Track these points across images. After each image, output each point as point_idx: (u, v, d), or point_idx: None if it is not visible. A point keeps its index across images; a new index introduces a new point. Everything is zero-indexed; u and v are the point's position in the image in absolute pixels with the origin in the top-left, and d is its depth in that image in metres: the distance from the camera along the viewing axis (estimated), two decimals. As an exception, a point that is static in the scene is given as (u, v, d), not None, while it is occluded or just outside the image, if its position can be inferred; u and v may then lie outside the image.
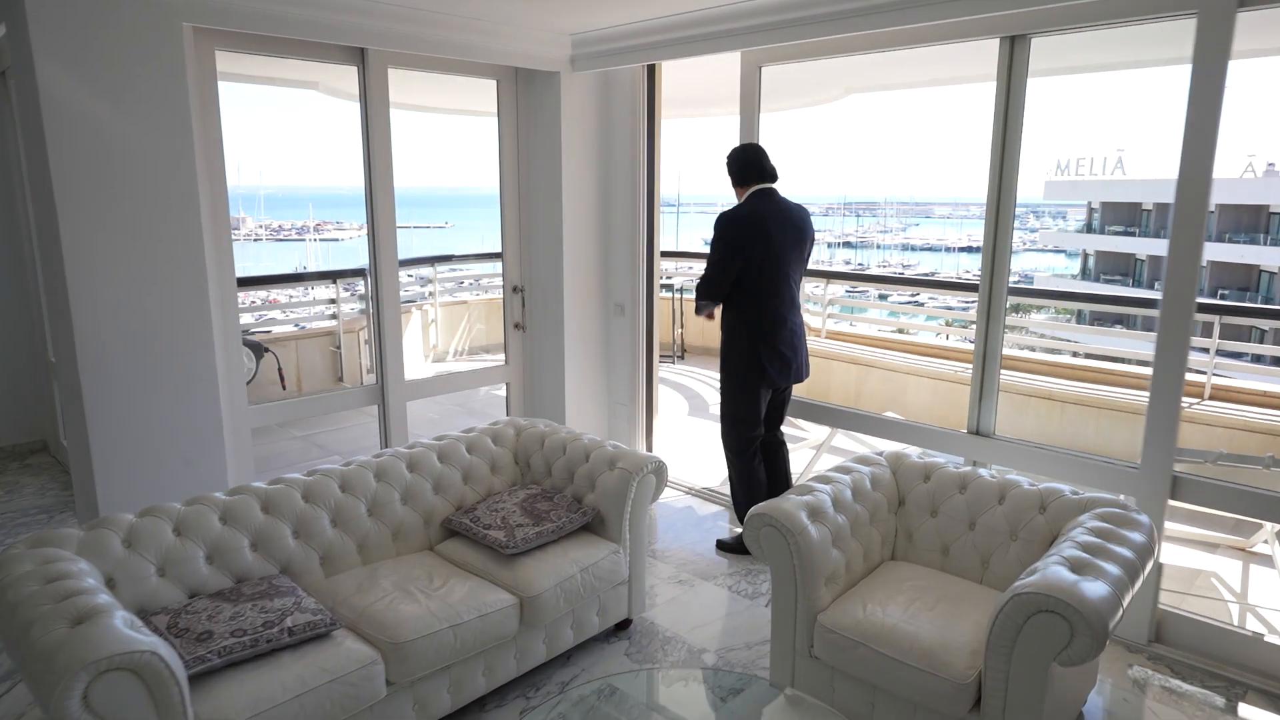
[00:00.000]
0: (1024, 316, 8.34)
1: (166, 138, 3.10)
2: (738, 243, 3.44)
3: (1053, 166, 34.62)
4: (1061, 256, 43.38)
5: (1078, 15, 2.88)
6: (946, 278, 24.81)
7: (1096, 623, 1.99)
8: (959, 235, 45.21)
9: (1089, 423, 4.88)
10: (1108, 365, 5.42)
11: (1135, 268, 27.52)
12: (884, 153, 53.39)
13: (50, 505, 4.33)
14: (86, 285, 2.98)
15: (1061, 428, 4.96)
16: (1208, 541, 3.92)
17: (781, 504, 2.59)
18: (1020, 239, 45.68)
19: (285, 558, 2.64)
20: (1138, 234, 27.37)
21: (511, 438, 3.37)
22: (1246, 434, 4.31)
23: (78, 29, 2.85)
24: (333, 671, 2.20)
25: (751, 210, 3.48)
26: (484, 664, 2.62)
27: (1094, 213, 30.49)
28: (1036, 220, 48.04)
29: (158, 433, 3.22)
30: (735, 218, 3.47)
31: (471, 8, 3.66)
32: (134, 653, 1.82)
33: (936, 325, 14.68)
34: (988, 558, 2.71)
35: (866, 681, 2.42)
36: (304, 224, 40.16)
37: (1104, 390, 4.99)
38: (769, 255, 3.45)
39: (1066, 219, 38.59)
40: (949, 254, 43.83)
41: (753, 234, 3.44)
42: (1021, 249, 44.68)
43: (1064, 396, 5.04)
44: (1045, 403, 5.09)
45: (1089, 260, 30.19)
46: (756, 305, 3.50)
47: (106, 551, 2.33)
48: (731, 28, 3.66)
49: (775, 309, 3.51)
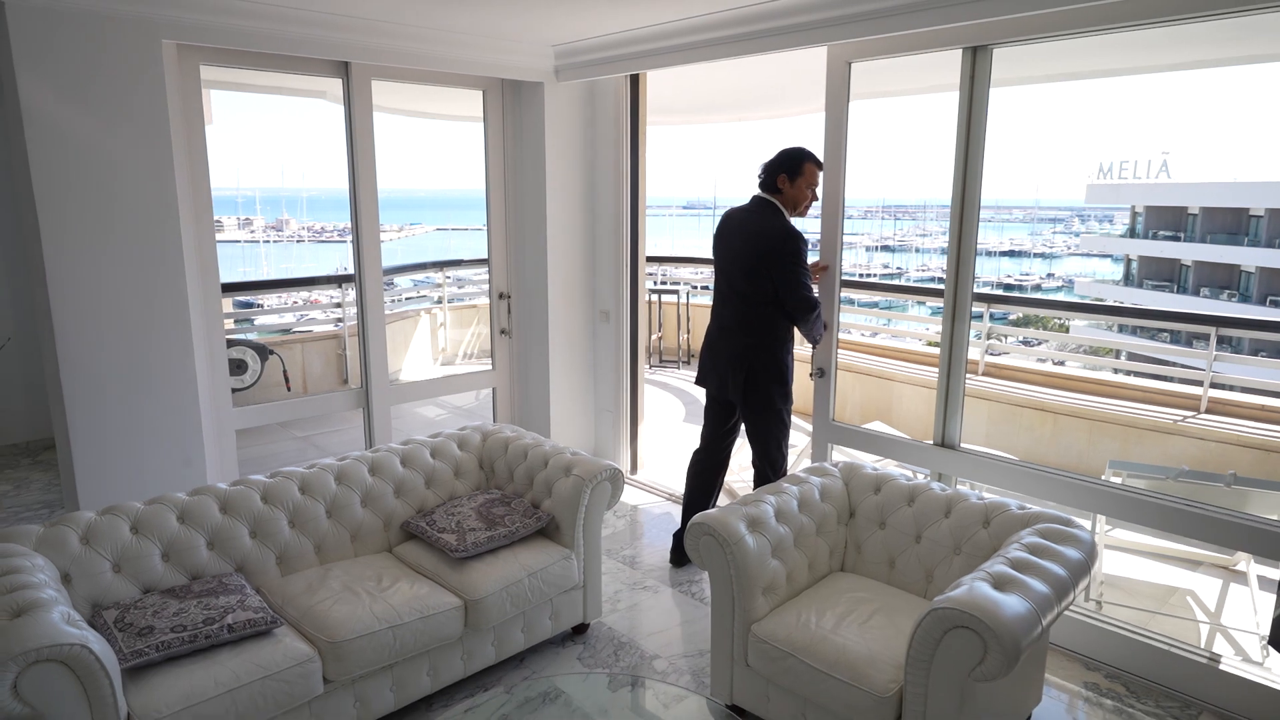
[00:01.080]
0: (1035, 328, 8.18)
1: (146, 149, 3.22)
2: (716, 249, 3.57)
3: (1095, 169, 33.82)
4: (1107, 262, 42.36)
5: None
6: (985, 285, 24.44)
7: (1008, 640, 1.98)
8: (999, 240, 44.43)
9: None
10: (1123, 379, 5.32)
11: (1180, 274, 26.80)
12: (923, 155, 52.74)
13: (54, 501, 4.51)
14: (66, 290, 3.12)
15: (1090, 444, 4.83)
16: (1190, 558, 3.83)
17: (721, 513, 2.61)
18: (1064, 243, 44.71)
19: (241, 557, 2.73)
20: (1183, 239, 26.67)
21: (477, 443, 3.44)
22: (1240, 449, 4.19)
23: (58, 45, 2.99)
24: (267, 668, 2.28)
25: (724, 218, 3.60)
26: (429, 664, 2.68)
27: (1138, 217, 29.74)
28: (1082, 224, 46.98)
29: (137, 433, 3.35)
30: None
31: (454, 21, 3.73)
32: (63, 645, 1.91)
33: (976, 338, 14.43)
34: (931, 571, 2.69)
35: (797, 693, 2.43)
36: (345, 226, 41.14)
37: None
38: (723, 262, 3.55)
39: (1114, 223, 37.76)
40: (989, 258, 43.10)
41: (717, 241, 3.57)
42: (1065, 253, 43.72)
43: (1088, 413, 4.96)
44: (1038, 414, 5.01)
45: (1131, 266, 29.47)
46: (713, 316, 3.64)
47: (64, 548, 2.44)
48: (710, 38, 3.68)
49: (716, 317, 3.61)
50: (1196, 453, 4.33)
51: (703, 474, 3.77)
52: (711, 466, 3.77)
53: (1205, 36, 3.10)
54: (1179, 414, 4.52)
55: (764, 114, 7.13)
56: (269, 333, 6.68)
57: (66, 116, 3.04)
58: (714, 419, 3.72)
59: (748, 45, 3.55)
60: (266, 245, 25.83)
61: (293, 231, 28.98)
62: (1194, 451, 4.34)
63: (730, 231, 3.50)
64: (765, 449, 3.54)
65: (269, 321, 7.05)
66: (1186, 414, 4.57)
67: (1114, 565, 3.84)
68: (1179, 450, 4.38)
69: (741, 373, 3.46)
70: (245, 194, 25.21)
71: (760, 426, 3.53)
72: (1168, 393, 4.84)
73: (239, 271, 14.58)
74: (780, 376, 3.48)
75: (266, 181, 7.54)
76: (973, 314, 3.29)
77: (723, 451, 3.77)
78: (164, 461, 3.43)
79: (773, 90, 6.09)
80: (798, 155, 3.40)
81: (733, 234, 3.48)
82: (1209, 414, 4.58)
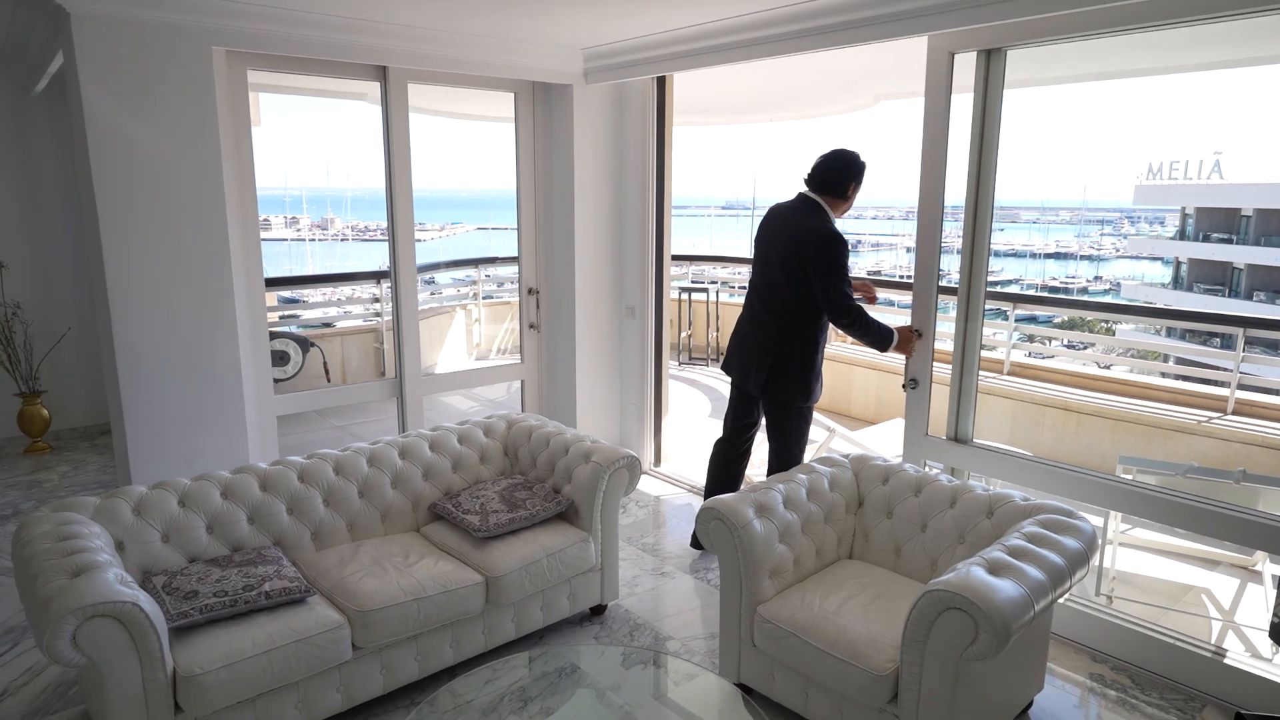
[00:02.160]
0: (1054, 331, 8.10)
1: (197, 151, 3.43)
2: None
3: (1144, 169, 32.98)
4: (1157, 265, 41.28)
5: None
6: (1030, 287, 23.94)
7: (998, 622, 2.05)
8: (1045, 241, 43.57)
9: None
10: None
11: (1232, 277, 26.03)
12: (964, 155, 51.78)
13: (108, 481, 4.78)
14: (122, 283, 3.34)
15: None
16: (1208, 558, 3.83)
17: (730, 499, 2.72)
18: (1112, 245, 43.64)
19: (278, 531, 2.91)
20: (1235, 241, 25.92)
21: (502, 430, 3.59)
22: (1262, 450, 4.17)
23: (117, 53, 3.20)
24: (300, 633, 2.44)
25: (766, 216, 3.66)
26: (452, 637, 2.83)
27: (1188, 219, 28.95)
28: (1131, 226, 45.81)
29: (185, 417, 3.56)
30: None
31: (487, 25, 3.89)
32: (117, 602, 2.09)
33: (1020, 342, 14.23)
34: (936, 559, 2.77)
35: (800, 672, 2.53)
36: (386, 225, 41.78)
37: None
38: (762, 256, 3.61)
39: (1164, 224, 36.86)
40: (1034, 260, 42.29)
41: (759, 232, 3.63)
42: (1113, 256, 42.70)
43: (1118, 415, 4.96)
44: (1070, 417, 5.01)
45: (1181, 269, 28.71)
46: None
47: (118, 518, 2.64)
48: (737, 40, 3.77)
49: (747, 309, 3.68)
50: (1219, 453, 4.31)
51: (724, 464, 3.86)
52: (733, 458, 3.85)
53: (1255, 33, 3.06)
54: (1204, 415, 4.50)
55: (798, 115, 7.20)
56: (311, 326, 6.92)
57: (124, 120, 3.25)
58: (737, 410, 3.80)
59: (774, 47, 3.60)
60: (311, 243, 26.49)
61: (336, 230, 29.68)
62: (1216, 452, 4.32)
63: (776, 226, 3.56)
64: (783, 443, 3.61)
65: (311, 316, 7.30)
66: (1212, 415, 4.54)
67: (1128, 562, 3.86)
68: (1202, 450, 4.36)
69: (766, 367, 3.53)
70: (292, 193, 25.87)
71: (779, 422, 3.61)
72: (1194, 394, 4.81)
73: (285, 268, 15.00)
74: (804, 375, 3.52)
75: (312, 181, 7.96)
76: (998, 314, 3.31)
77: (744, 443, 3.85)
78: (210, 443, 3.64)
79: (804, 91, 6.16)
80: (862, 165, 3.48)
81: (778, 229, 3.54)
82: (1235, 415, 4.55)
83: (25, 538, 2.42)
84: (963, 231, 3.32)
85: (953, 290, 3.37)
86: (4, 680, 2.87)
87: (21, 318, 5.23)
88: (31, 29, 3.72)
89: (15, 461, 5.12)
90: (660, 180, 4.69)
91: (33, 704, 2.74)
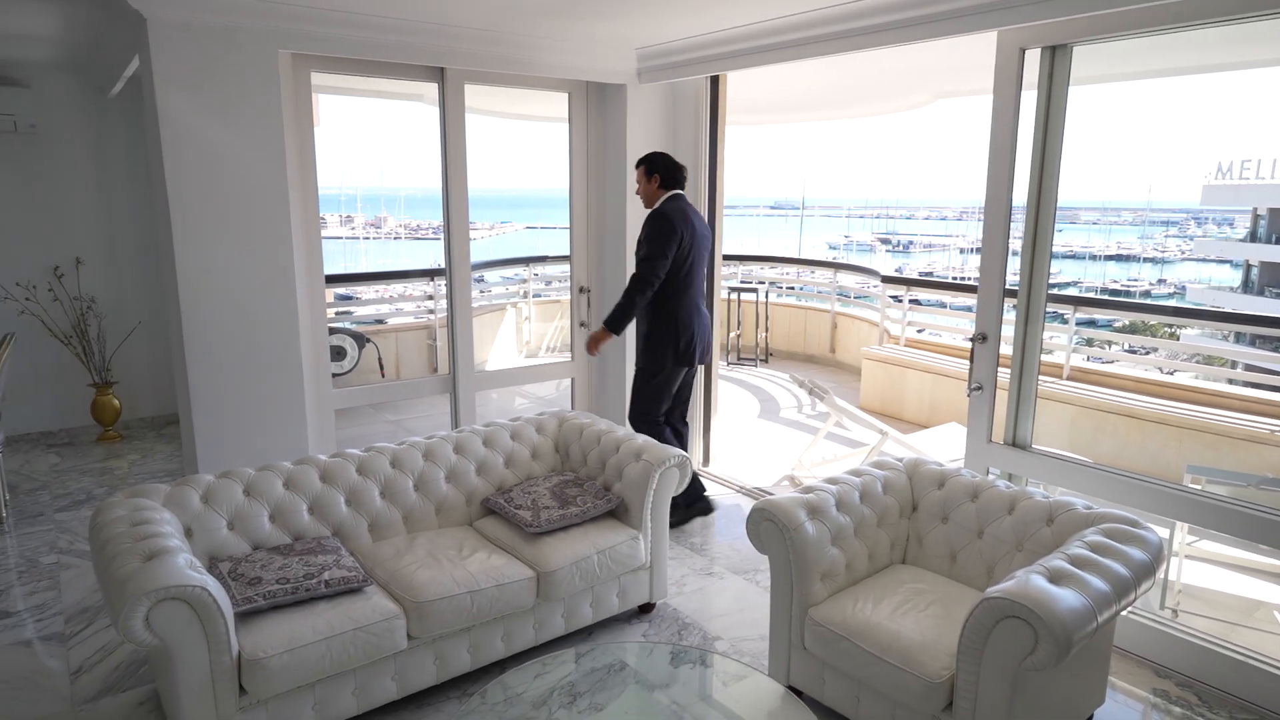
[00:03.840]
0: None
1: (262, 151, 3.54)
2: (673, 235, 3.86)
3: (1213, 169, 31.78)
4: (1225, 267, 39.75)
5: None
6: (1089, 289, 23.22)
7: (1059, 631, 2.01)
8: (1106, 243, 42.27)
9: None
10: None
11: (1306, 281, 24.93)
12: (1020, 155, 50.54)
13: (176, 470, 4.95)
14: (192, 278, 3.46)
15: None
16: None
17: (782, 500, 2.70)
18: (1177, 247, 42.12)
19: (337, 522, 2.99)
20: (1312, 244, 24.81)
21: (554, 428, 3.62)
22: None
23: (190, 57, 3.32)
24: (358, 621, 2.50)
25: (678, 210, 3.92)
26: (503, 630, 2.87)
27: (1260, 220, 27.79)
28: (1198, 227, 44.16)
29: (248, 409, 3.68)
30: (671, 212, 3.89)
31: (543, 27, 3.93)
32: (187, 586, 2.17)
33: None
34: (993, 566, 2.71)
35: (852, 677, 2.50)
36: (438, 224, 42.68)
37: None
38: (693, 250, 3.94)
39: (1233, 226, 35.51)
40: (1094, 262, 41.05)
41: (681, 231, 3.88)
42: (1178, 258, 41.21)
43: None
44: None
45: (1252, 271, 27.59)
46: (680, 294, 3.96)
47: (187, 506, 2.73)
48: (796, 38, 3.74)
49: (694, 298, 4.02)
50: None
51: (683, 437, 4.33)
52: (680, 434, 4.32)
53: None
54: (1277, 424, 4.32)
55: (852, 113, 7.11)
56: (364, 323, 7.08)
57: (196, 120, 3.37)
58: (679, 387, 4.19)
59: (835, 44, 3.56)
60: (366, 241, 27.11)
61: (390, 228, 30.34)
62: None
63: (693, 224, 3.98)
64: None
65: (364, 312, 7.47)
66: (1274, 425, 4.36)
67: (1195, 576, 3.72)
68: (1276, 461, 4.18)
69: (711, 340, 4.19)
70: (347, 192, 26.51)
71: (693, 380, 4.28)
72: (1267, 402, 4.61)
73: (339, 265, 15.39)
74: None
75: (367, 181, 8.06)
76: (1055, 317, 3.24)
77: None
78: (272, 435, 3.75)
79: (860, 89, 6.08)
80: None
81: (694, 227, 3.97)
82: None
83: (101, 522, 2.53)
84: (1024, 232, 3.25)
85: (1012, 293, 3.30)
86: (79, 658, 3.00)
87: (96, 311, 5.46)
88: (110, 34, 3.87)
89: (88, 449, 5.35)
90: (713, 179, 4.68)
91: (105, 681, 2.86)
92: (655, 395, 4.07)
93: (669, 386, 4.09)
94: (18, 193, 5.17)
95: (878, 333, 7.29)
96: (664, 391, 4.09)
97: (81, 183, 5.36)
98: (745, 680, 2.63)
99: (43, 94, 5.13)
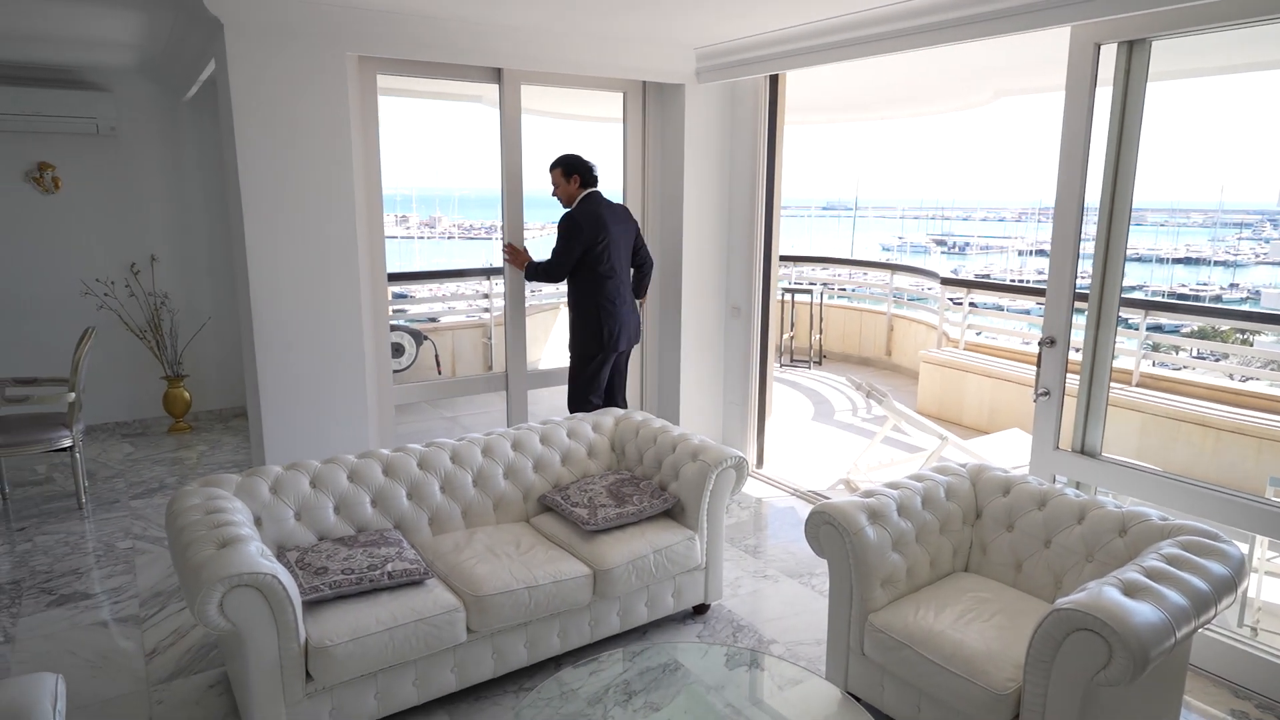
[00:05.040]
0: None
1: (330, 151, 3.62)
2: (582, 236, 4.11)
3: (1292, 169, 30.39)
4: (1301, 272, 38.02)
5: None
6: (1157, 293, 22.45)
7: (1135, 646, 1.94)
8: (1174, 245, 40.77)
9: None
10: None
11: (1393, 286, 23.71)
12: (1095, 153, 48.89)
13: (242, 461, 5.11)
14: (263, 275, 3.57)
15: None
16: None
17: (843, 503, 2.66)
18: (1251, 250, 40.41)
19: (399, 515, 3.05)
20: (1400, 247, 23.59)
21: (609, 426, 3.64)
22: None
23: (262, 60, 3.42)
24: (420, 613, 2.55)
25: (592, 209, 4.14)
26: (559, 626, 2.89)
27: (1346, 222, 26.46)
28: (1274, 230, 42.26)
29: (314, 401, 3.77)
30: (582, 215, 4.13)
31: (601, 26, 3.95)
32: (259, 573, 2.24)
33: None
34: (1061, 577, 2.63)
35: (913, 685, 2.46)
36: (491, 224, 43.32)
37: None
38: (609, 244, 4.15)
39: (1325, 230, 33.98)
40: (1160, 265, 39.62)
41: (595, 228, 4.12)
42: (1252, 262, 39.52)
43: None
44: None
45: (1333, 277, 26.34)
46: (599, 286, 4.17)
47: (257, 495, 2.82)
48: (853, 36, 3.70)
49: (616, 287, 4.21)
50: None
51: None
52: None
53: None
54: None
55: (912, 112, 6.99)
56: (417, 320, 7.20)
57: (267, 122, 3.47)
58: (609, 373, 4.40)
59: (901, 42, 3.51)
60: (420, 241, 27.65)
61: (444, 228, 30.87)
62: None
63: (612, 215, 4.23)
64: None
65: (419, 310, 7.60)
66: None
67: (1276, 593, 3.56)
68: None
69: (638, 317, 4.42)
70: (403, 192, 27.08)
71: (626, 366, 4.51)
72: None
73: (395, 264, 15.77)
74: None
75: (422, 181, 8.21)
76: (1125, 323, 3.14)
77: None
78: (336, 427, 3.84)
79: (920, 88, 5.98)
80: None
81: (614, 216, 4.23)
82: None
83: (177, 509, 2.62)
84: (1096, 234, 3.15)
85: (1080, 295, 3.21)
86: (153, 640, 3.11)
87: (169, 307, 5.67)
88: (188, 39, 4.01)
89: (160, 439, 5.55)
90: (770, 180, 4.65)
91: (178, 663, 2.97)
92: (589, 381, 4.31)
93: (601, 372, 4.31)
94: (99, 193, 5.40)
95: (935, 336, 7.15)
96: (598, 377, 4.31)
97: (157, 183, 5.57)
98: (802, 685, 2.60)
99: (122, 98, 5.34)
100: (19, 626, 3.19)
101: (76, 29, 4.07)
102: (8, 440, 4.13)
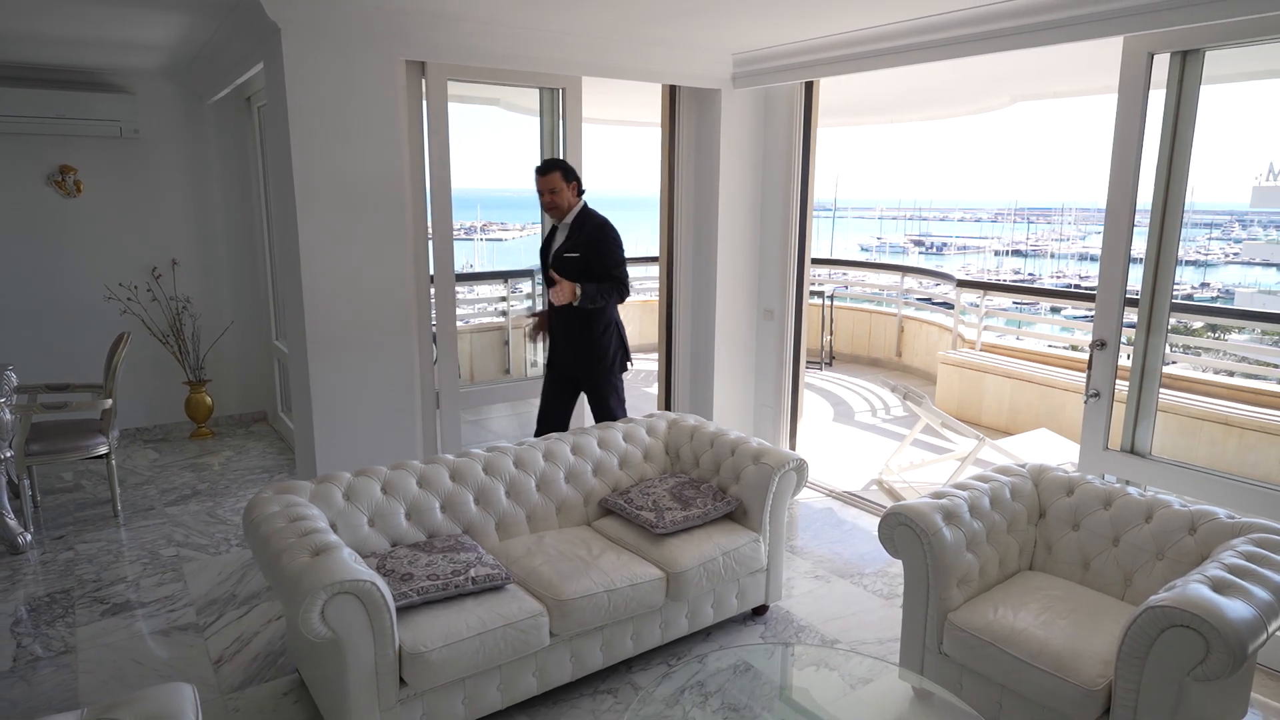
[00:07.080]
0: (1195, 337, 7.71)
1: (381, 155, 3.62)
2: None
3: (1264, 170, 31.06)
4: (1272, 271, 38.77)
5: None
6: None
7: (1234, 641, 2.00)
8: (1139, 245, 41.42)
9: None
10: None
11: (1363, 285, 24.30)
12: (1061, 156, 49.61)
13: (270, 466, 5.07)
14: (316, 281, 3.55)
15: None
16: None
17: (919, 505, 2.71)
18: (1221, 250, 41.16)
19: (467, 521, 3.05)
20: (1367, 247, 24.18)
21: (663, 430, 3.66)
22: None
23: (318, 62, 3.41)
24: (508, 618, 2.56)
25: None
26: (633, 629, 2.92)
27: (1313, 222, 27.08)
28: (1243, 230, 43.09)
29: (363, 406, 3.76)
30: (610, 221, 3.87)
31: (645, 33, 3.98)
32: (359, 581, 2.24)
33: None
34: (1131, 575, 2.70)
35: (995, 681, 2.51)
36: (472, 224, 42.94)
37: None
38: None
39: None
40: (1135, 265, 40.29)
41: None
42: (1221, 262, 40.29)
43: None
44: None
45: (1304, 274, 26.96)
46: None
47: (332, 502, 2.81)
48: (887, 47, 3.77)
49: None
50: None
51: None
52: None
53: None
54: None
55: (926, 116, 7.08)
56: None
57: (322, 122, 3.46)
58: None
59: (947, 50, 3.56)
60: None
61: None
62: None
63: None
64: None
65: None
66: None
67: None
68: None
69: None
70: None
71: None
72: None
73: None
74: None
75: (458, 183, 8.08)
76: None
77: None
78: (382, 432, 3.83)
79: (939, 91, 6.05)
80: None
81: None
82: None
83: (258, 517, 2.61)
84: (1148, 240, 3.24)
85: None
86: (217, 648, 3.09)
87: (190, 311, 5.61)
88: (232, 42, 3.98)
89: (183, 445, 5.49)
90: (804, 183, 4.70)
91: (246, 671, 2.95)
92: (621, 388, 4.09)
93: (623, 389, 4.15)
94: (121, 196, 5.33)
95: (950, 337, 7.25)
96: (620, 389, 4.07)
97: (178, 187, 5.51)
98: (878, 681, 2.65)
99: (145, 100, 5.28)
100: (78, 636, 3.16)
101: (116, 32, 4.02)
102: (45, 448, 4.08)
